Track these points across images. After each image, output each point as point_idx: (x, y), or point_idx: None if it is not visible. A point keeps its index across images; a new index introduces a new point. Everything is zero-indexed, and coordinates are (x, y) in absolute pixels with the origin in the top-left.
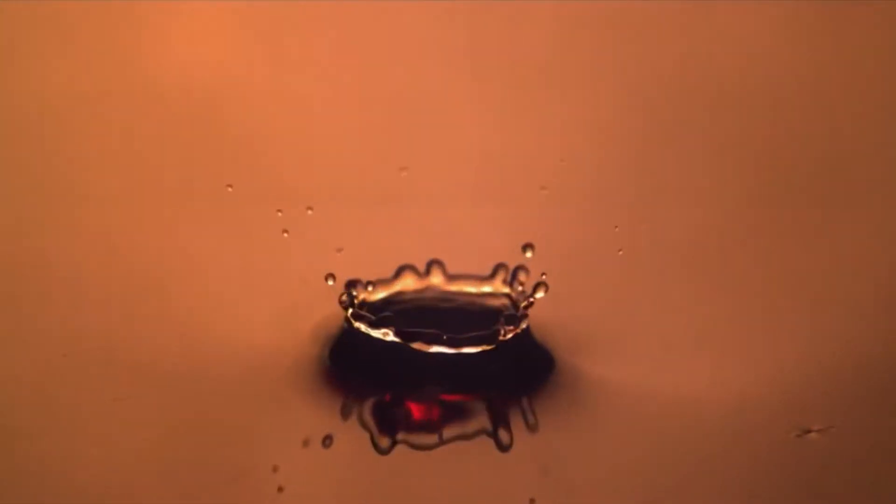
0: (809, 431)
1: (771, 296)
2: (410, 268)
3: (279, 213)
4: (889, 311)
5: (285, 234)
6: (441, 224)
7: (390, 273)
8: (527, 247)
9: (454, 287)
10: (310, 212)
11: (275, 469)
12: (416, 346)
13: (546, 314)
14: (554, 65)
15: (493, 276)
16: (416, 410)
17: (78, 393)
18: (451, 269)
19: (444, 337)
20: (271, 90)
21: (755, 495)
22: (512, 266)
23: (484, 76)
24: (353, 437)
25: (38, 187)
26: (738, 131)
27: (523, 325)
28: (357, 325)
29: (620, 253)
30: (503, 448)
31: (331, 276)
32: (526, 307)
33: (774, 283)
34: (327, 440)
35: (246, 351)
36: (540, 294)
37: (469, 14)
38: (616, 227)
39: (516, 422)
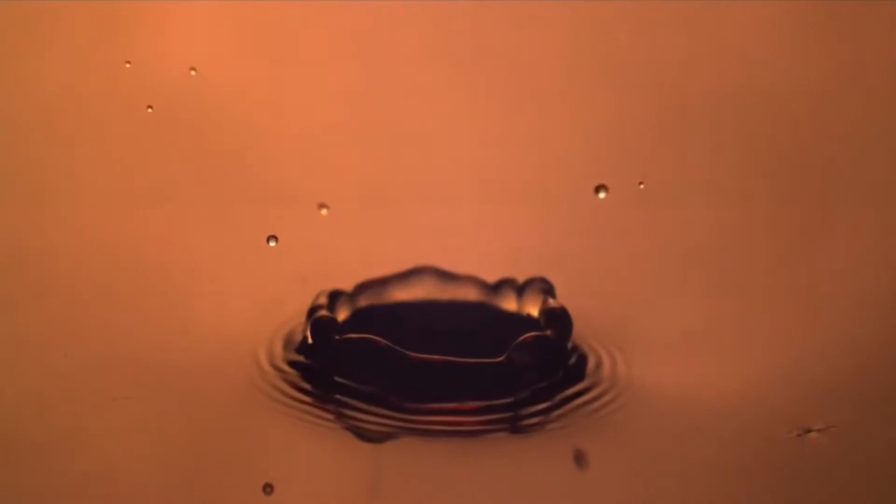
0: (809, 431)
1: (771, 295)
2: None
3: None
4: (890, 310)
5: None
6: (442, 225)
7: (389, 272)
8: (599, 188)
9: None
10: (324, 211)
11: (267, 484)
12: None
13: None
14: (556, 65)
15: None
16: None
17: (78, 392)
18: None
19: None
20: (271, 90)
21: (755, 495)
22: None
23: (485, 76)
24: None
25: (38, 187)
26: (742, 132)
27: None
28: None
29: (642, 186)
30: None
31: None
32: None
33: (775, 283)
34: (327, 439)
35: (244, 350)
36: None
37: (470, 14)
38: (641, 183)
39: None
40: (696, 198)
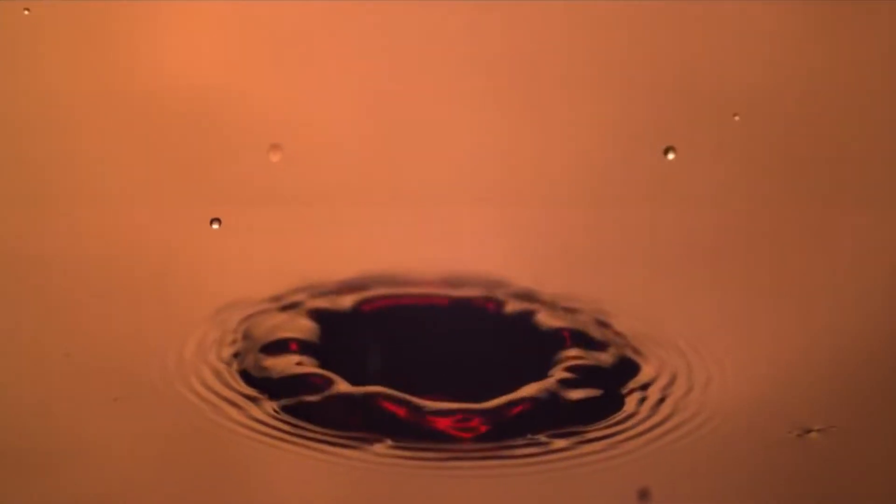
0: (809, 431)
1: (772, 295)
2: None
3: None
4: (890, 311)
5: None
6: (442, 225)
7: (389, 274)
8: (669, 149)
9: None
10: None
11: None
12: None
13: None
14: (558, 65)
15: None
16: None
17: (79, 392)
18: (450, 270)
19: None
20: (271, 90)
21: (755, 495)
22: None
23: (487, 77)
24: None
25: (38, 189)
26: (743, 131)
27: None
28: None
29: (736, 118)
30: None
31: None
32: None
33: (776, 283)
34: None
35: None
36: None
37: (471, 16)
38: (736, 115)
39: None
40: (695, 198)
